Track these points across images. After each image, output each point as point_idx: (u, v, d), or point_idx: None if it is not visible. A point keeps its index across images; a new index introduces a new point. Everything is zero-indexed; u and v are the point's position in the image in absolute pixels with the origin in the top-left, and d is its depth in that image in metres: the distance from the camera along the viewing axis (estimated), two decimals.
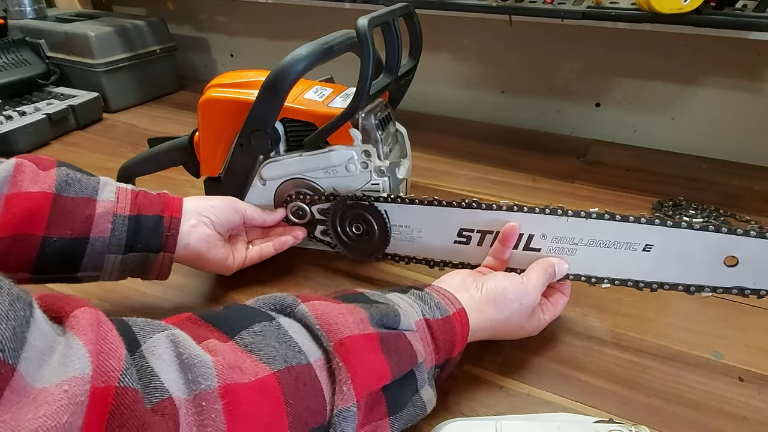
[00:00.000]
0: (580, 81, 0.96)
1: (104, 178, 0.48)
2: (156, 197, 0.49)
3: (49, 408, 0.20)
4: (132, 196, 0.47)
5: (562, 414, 0.42)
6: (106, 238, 0.45)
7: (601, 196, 0.76)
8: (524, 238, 0.48)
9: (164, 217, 0.48)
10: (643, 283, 0.46)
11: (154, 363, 0.26)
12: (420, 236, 0.53)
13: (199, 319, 0.32)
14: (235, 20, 1.27)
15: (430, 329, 0.39)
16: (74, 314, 0.25)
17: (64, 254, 0.43)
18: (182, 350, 0.27)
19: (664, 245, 0.44)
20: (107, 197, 0.46)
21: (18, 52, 1.06)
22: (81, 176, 0.46)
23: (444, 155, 0.89)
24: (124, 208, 0.46)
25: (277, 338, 0.31)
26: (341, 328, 0.33)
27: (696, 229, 0.43)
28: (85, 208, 0.44)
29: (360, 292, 0.40)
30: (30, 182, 0.42)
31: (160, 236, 0.48)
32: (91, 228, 0.44)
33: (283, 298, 0.35)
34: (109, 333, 0.25)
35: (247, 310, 0.34)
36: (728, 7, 0.65)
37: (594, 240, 0.46)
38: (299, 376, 0.30)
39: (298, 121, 0.57)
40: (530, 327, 0.47)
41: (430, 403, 0.38)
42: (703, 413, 0.43)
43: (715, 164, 0.85)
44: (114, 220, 0.45)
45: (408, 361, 0.36)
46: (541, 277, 0.46)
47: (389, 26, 0.55)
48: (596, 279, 0.48)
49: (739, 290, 0.44)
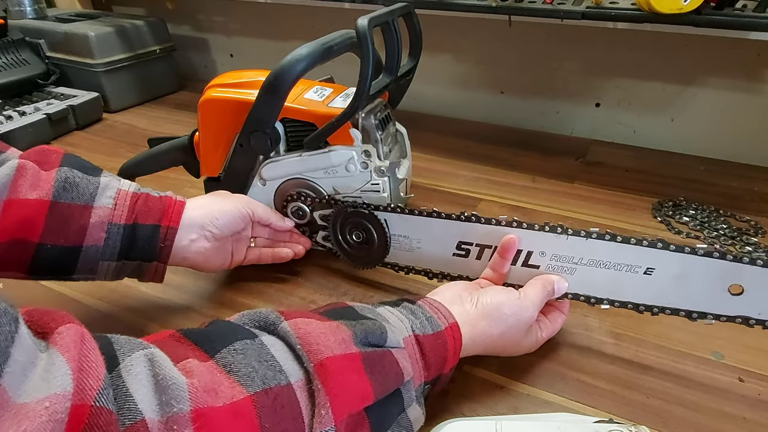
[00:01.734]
0: (579, 81, 0.96)
1: (106, 180, 0.47)
2: (157, 202, 0.48)
3: (30, 424, 0.20)
4: (131, 202, 0.46)
5: (562, 414, 0.42)
6: (100, 246, 0.45)
7: (600, 197, 0.76)
8: (523, 254, 0.48)
9: (161, 227, 0.47)
10: (643, 306, 0.45)
11: (130, 383, 0.26)
12: (419, 247, 0.53)
13: (182, 337, 0.32)
14: (235, 20, 1.27)
15: (419, 345, 0.38)
16: (59, 330, 0.25)
17: (59, 259, 0.44)
18: (158, 370, 0.27)
19: (666, 269, 0.43)
20: (104, 203, 0.45)
21: (18, 52, 1.06)
22: (81, 179, 0.45)
23: (444, 155, 0.89)
24: (120, 217, 0.45)
25: (258, 357, 0.31)
26: (322, 348, 0.32)
27: (700, 255, 0.41)
28: (81, 216, 0.44)
29: (349, 306, 0.39)
30: (29, 188, 0.42)
31: (154, 247, 0.47)
32: (85, 237, 0.44)
33: (267, 315, 0.34)
34: (91, 351, 0.25)
35: (229, 328, 0.33)
36: (728, 7, 0.65)
37: (594, 260, 0.45)
38: (277, 398, 0.30)
39: (298, 121, 0.57)
40: (526, 344, 0.46)
41: (418, 423, 0.37)
42: (703, 413, 0.43)
43: (714, 165, 0.85)
44: (109, 228, 0.45)
45: (394, 381, 0.35)
46: (539, 294, 0.45)
47: (389, 26, 0.55)
48: (595, 299, 0.46)
49: (743, 320, 0.42)
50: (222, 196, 0.54)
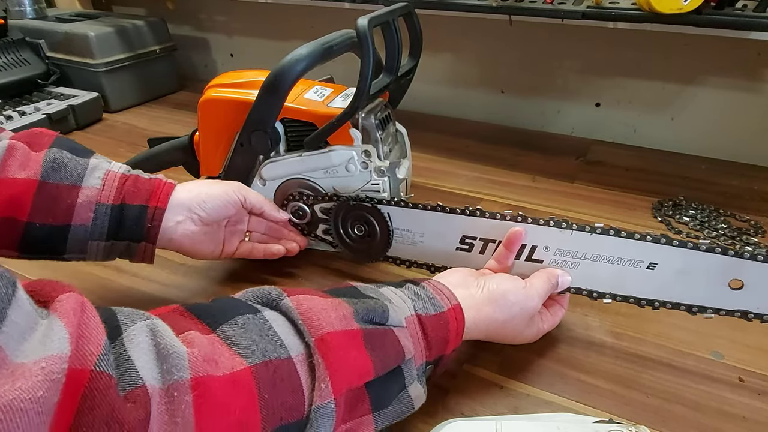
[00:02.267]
0: (580, 81, 0.96)
1: (95, 161, 0.47)
2: (145, 183, 0.48)
3: (25, 382, 0.20)
4: (119, 183, 0.46)
5: (562, 414, 0.42)
6: (88, 226, 0.45)
7: (600, 196, 0.76)
8: (527, 248, 0.48)
9: (148, 207, 0.47)
10: (645, 300, 0.45)
11: (131, 351, 0.26)
12: (422, 241, 0.53)
13: (185, 311, 0.32)
14: (235, 20, 1.27)
15: (421, 325, 0.38)
16: (59, 299, 0.25)
17: (48, 239, 0.44)
18: (160, 340, 0.28)
19: (668, 264, 0.44)
20: (92, 184, 0.45)
21: (18, 52, 1.06)
22: (70, 160, 0.45)
23: (444, 155, 0.89)
24: (108, 197, 0.45)
25: (259, 331, 0.31)
26: (323, 323, 0.33)
27: (702, 250, 0.42)
28: (68, 196, 0.44)
29: (352, 286, 0.40)
30: (18, 167, 0.43)
31: (142, 227, 0.47)
32: (73, 216, 0.44)
33: (270, 291, 0.35)
34: (92, 319, 0.25)
35: (232, 303, 0.34)
36: (728, 7, 0.65)
37: (597, 255, 0.45)
38: (277, 371, 0.30)
39: (298, 121, 0.57)
40: (528, 334, 0.46)
41: (419, 400, 0.38)
42: (703, 413, 0.43)
43: (714, 164, 0.85)
44: (96, 209, 0.45)
45: (394, 358, 0.35)
46: (544, 285, 0.46)
47: (389, 26, 0.55)
48: (598, 294, 0.47)
49: (742, 313, 0.43)
50: (214, 182, 0.54)
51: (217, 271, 0.60)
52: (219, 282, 0.59)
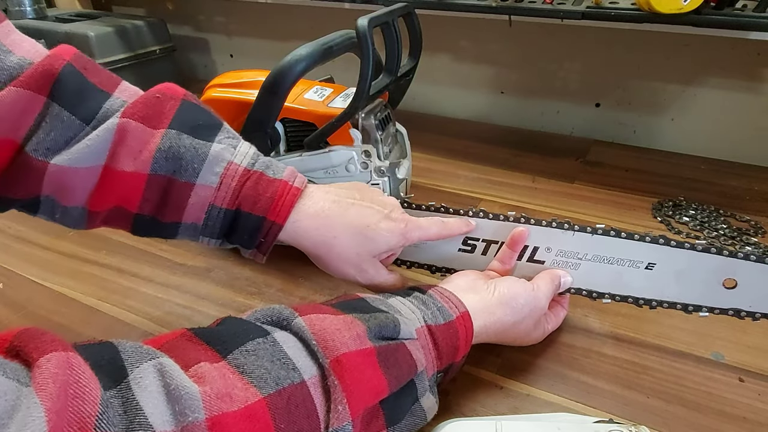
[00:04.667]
0: (580, 81, 0.96)
1: (218, 149, 0.40)
2: (268, 187, 0.41)
3: None
4: (239, 182, 0.41)
5: (563, 414, 0.42)
6: (199, 225, 0.41)
7: (600, 197, 0.76)
8: (529, 249, 0.48)
9: (265, 220, 0.41)
10: (642, 300, 0.46)
11: (139, 396, 0.25)
12: (424, 243, 0.53)
13: (193, 336, 0.31)
14: (235, 20, 1.27)
15: (431, 335, 0.38)
16: (38, 363, 0.23)
17: (159, 229, 0.42)
18: (169, 381, 0.26)
19: (666, 264, 0.44)
20: (208, 181, 0.40)
21: None
22: (187, 149, 0.39)
23: (444, 155, 0.89)
24: (224, 199, 0.40)
25: (270, 356, 0.30)
26: (337, 344, 0.32)
27: (699, 250, 0.43)
28: (180, 194, 0.40)
29: (361, 298, 0.39)
30: (127, 157, 0.38)
31: (254, 239, 0.42)
32: (183, 214, 0.40)
33: (281, 310, 0.34)
34: (81, 375, 0.24)
35: (242, 326, 0.33)
36: (728, 7, 0.65)
37: (598, 256, 0.46)
38: (291, 398, 0.29)
39: (298, 121, 0.57)
40: (536, 335, 0.47)
41: (431, 411, 0.37)
42: (703, 414, 0.43)
43: (714, 164, 0.85)
44: (209, 210, 0.40)
45: (407, 372, 0.35)
46: (549, 287, 0.46)
47: (389, 26, 0.55)
48: (597, 294, 0.48)
49: (735, 312, 0.44)
50: (364, 211, 0.44)
51: (218, 271, 0.60)
52: (219, 282, 0.59)
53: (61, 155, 0.37)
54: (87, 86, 0.39)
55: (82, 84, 0.38)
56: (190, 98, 0.42)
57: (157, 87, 0.42)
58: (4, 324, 0.53)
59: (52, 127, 0.37)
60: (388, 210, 0.45)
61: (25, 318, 0.54)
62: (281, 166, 0.43)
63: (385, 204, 0.46)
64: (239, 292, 0.57)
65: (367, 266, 0.45)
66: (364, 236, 0.43)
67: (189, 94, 0.43)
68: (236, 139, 0.42)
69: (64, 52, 0.38)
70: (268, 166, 0.42)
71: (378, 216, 0.44)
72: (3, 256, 0.63)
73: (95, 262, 0.62)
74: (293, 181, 0.43)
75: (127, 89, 0.42)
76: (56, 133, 0.37)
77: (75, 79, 0.38)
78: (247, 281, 0.58)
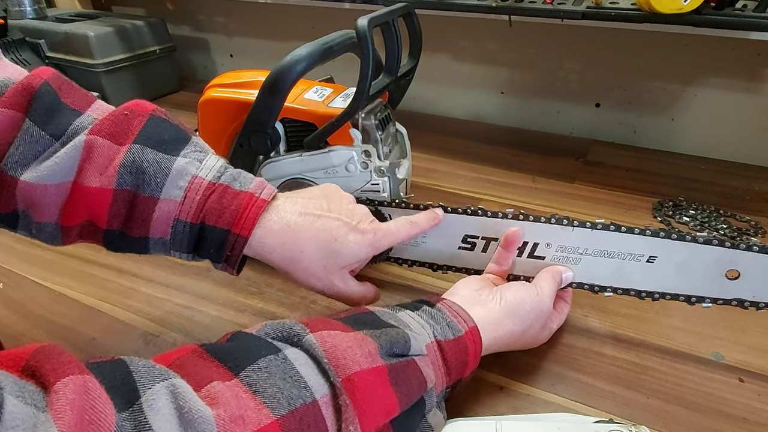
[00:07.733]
0: (580, 81, 0.96)
1: (182, 163, 0.40)
2: (232, 200, 0.41)
3: None
4: (203, 196, 0.40)
5: (563, 414, 0.42)
6: (167, 240, 0.41)
7: (600, 197, 0.76)
8: (529, 245, 0.48)
9: (230, 233, 0.41)
10: (645, 292, 0.47)
11: (152, 419, 0.25)
12: (425, 241, 0.53)
13: (204, 353, 0.31)
14: (235, 20, 1.27)
15: (441, 352, 0.38)
16: (55, 388, 0.23)
17: (130, 244, 0.42)
18: (182, 403, 0.26)
19: (667, 257, 0.45)
20: (172, 195, 0.40)
21: (18, 52, 1.06)
22: (150, 163, 0.39)
23: (444, 155, 0.89)
24: (188, 213, 0.40)
25: (282, 374, 0.30)
26: (349, 362, 0.32)
27: (700, 243, 0.43)
28: (144, 209, 0.40)
29: (371, 311, 0.39)
30: (94, 173, 0.39)
31: (221, 252, 0.42)
32: (150, 229, 0.40)
33: (291, 326, 0.34)
34: (97, 400, 0.24)
35: (253, 342, 0.33)
36: (728, 7, 0.65)
37: (598, 250, 0.46)
38: (303, 418, 0.29)
39: (298, 121, 0.57)
40: (542, 337, 0.47)
41: (438, 427, 0.37)
42: (703, 414, 0.43)
43: (714, 164, 0.85)
44: (174, 224, 0.40)
45: (417, 389, 0.35)
46: (552, 286, 0.46)
47: (389, 26, 0.55)
48: (599, 288, 0.48)
49: (738, 302, 0.45)
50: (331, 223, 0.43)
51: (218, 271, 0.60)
52: (219, 282, 0.59)
53: (30, 171, 0.38)
54: (59, 105, 0.40)
55: (54, 102, 0.39)
56: (159, 113, 0.42)
57: (127, 104, 0.42)
58: (4, 324, 0.53)
59: (21, 141, 0.38)
60: (356, 221, 0.44)
61: (25, 318, 0.54)
62: (249, 177, 0.43)
63: (353, 214, 0.45)
64: (239, 292, 0.57)
65: (335, 279, 0.44)
66: (331, 250, 0.43)
67: (158, 109, 0.43)
68: (203, 153, 0.42)
69: (42, 71, 0.40)
70: (235, 179, 0.42)
71: (345, 228, 0.43)
72: (3, 256, 0.63)
73: (95, 262, 0.62)
74: (260, 193, 0.42)
75: (99, 107, 0.42)
76: (24, 147, 0.38)
77: (49, 97, 0.39)
78: (248, 281, 0.58)
